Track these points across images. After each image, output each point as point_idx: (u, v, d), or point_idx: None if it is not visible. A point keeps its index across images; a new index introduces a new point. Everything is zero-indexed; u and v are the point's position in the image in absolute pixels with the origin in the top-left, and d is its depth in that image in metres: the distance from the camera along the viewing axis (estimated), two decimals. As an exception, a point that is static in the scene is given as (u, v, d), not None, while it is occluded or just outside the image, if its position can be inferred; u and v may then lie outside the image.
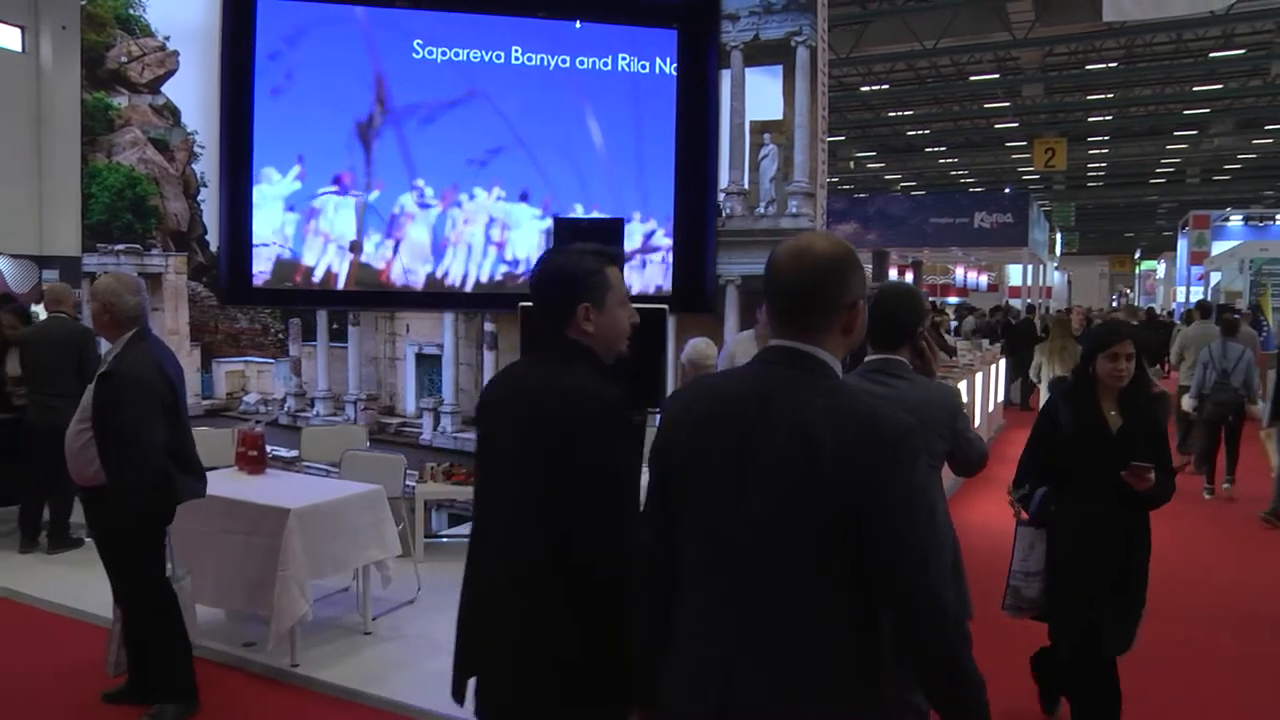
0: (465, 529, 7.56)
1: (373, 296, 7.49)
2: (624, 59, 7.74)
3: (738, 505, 1.77)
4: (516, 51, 7.53)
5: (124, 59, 7.20)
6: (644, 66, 7.79)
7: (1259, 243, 21.85)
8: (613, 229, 4.13)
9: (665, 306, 4.57)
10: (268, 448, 5.84)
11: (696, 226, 7.91)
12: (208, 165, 7.38)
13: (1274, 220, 24.54)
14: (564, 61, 7.61)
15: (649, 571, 1.96)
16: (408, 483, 6.42)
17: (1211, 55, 24.81)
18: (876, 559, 1.68)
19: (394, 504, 5.61)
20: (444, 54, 7.39)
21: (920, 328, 3.12)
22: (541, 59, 7.57)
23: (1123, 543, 3.79)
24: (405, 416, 7.86)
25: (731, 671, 1.74)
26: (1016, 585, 3.94)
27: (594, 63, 7.67)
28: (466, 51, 7.43)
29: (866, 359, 3.11)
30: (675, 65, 7.82)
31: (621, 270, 2.42)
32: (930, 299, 20.61)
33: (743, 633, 1.75)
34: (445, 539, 7.43)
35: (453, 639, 2.50)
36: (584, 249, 2.36)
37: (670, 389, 5.44)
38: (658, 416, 2.02)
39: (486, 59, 7.47)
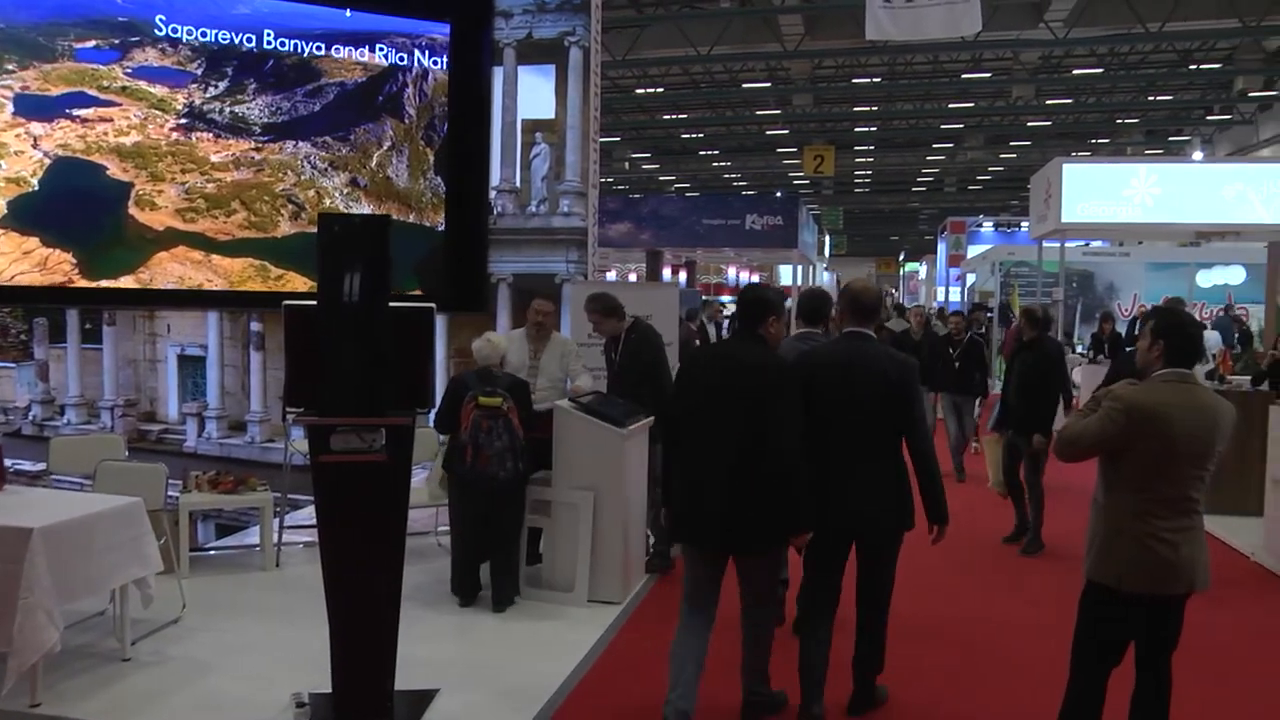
0: (235, 539, 7.23)
1: (129, 294, 6.97)
2: (382, 49, 7.57)
3: (854, 403, 4.09)
4: (269, 36, 7.22)
5: None
6: (402, 59, 7.64)
7: (1007, 246, 23.59)
8: (380, 225, 4.00)
9: (433, 305, 4.47)
10: (7, 461, 5.32)
11: (468, 224, 7.83)
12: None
13: (1020, 227, 26.58)
14: (319, 49, 7.35)
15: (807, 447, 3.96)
16: (170, 493, 6.02)
17: (963, 76, 26.76)
18: (906, 414, 4.11)
19: (155, 517, 5.23)
20: (190, 33, 7.01)
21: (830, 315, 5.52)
22: (295, 45, 7.29)
23: None
24: (167, 422, 7.39)
25: (864, 480, 4.10)
26: None
27: (349, 53, 7.44)
28: (215, 32, 7.07)
29: (800, 332, 5.25)
30: (435, 59, 7.78)
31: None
32: (705, 298, 21.33)
33: (856, 460, 4.09)
34: (213, 551, 7.02)
35: (220, 658, 4.37)
36: (771, 287, 4.60)
37: (439, 388, 5.41)
38: (429, 418, 2.28)
39: (237, 41, 7.15)
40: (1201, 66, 25.58)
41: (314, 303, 4.06)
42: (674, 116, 32.46)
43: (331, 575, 4.15)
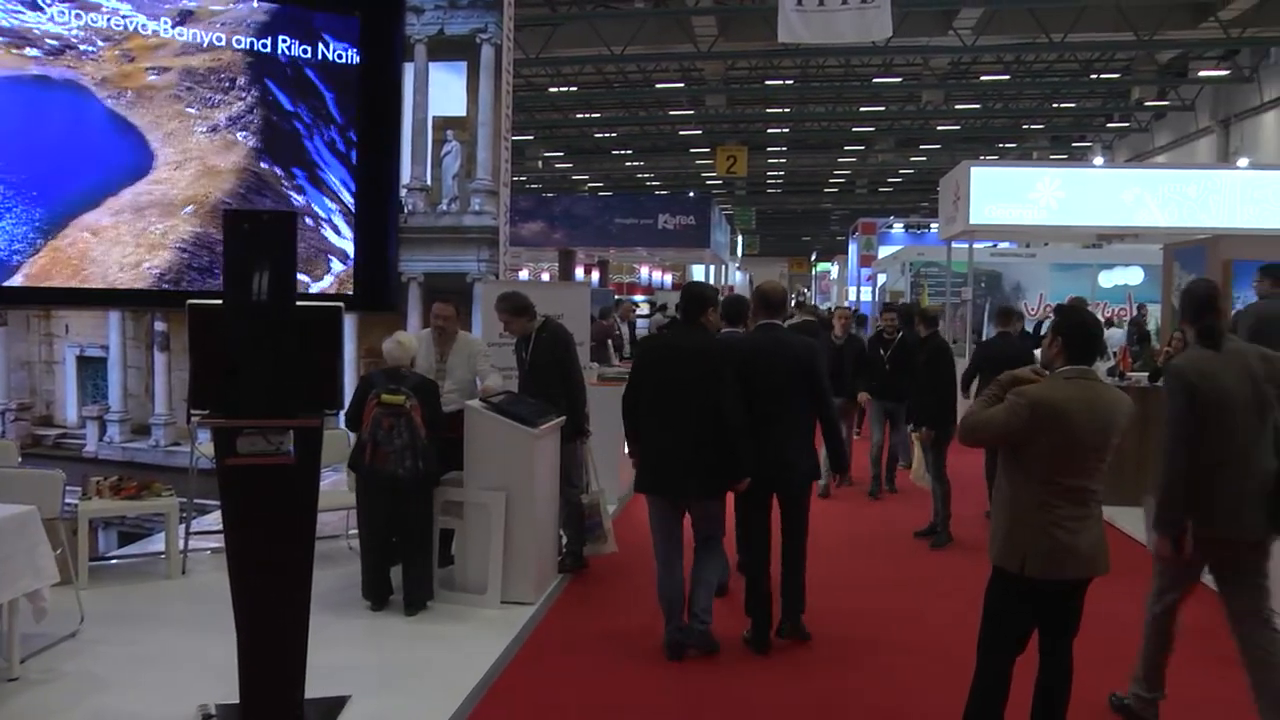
0: (139, 547, 7.00)
1: (22, 293, 6.70)
2: (284, 41, 7.39)
3: (777, 378, 5.11)
4: (165, 23, 7.01)
5: None
6: (305, 51, 7.47)
7: (917, 247, 23.99)
8: (285, 221, 3.93)
9: (340, 305, 4.39)
10: (-111, 468, 5.07)
11: (378, 223, 7.72)
12: None
13: (929, 228, 27.12)
14: (219, 41, 7.16)
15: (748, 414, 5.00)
16: (69, 500, 5.79)
17: (875, 80, 27.26)
18: (815, 387, 5.20)
19: (51, 526, 5.01)
20: (79, 16, 6.77)
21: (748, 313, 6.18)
22: (195, 34, 7.09)
23: None
24: (66, 426, 7.14)
25: (783, 440, 5.12)
26: None
27: (252, 43, 7.26)
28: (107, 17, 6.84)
29: (724, 331, 5.72)
30: (341, 53, 7.65)
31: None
32: (618, 297, 21.38)
33: (776, 424, 5.09)
34: (115, 560, 6.78)
35: (119, 672, 4.53)
36: (708, 284, 6.53)
37: (349, 390, 5.41)
38: (338, 418, 2.22)
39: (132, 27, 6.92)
40: (1101, 76, 26.50)
41: (219, 302, 3.96)
42: (587, 115, 32.48)
43: (239, 582, 4.04)
